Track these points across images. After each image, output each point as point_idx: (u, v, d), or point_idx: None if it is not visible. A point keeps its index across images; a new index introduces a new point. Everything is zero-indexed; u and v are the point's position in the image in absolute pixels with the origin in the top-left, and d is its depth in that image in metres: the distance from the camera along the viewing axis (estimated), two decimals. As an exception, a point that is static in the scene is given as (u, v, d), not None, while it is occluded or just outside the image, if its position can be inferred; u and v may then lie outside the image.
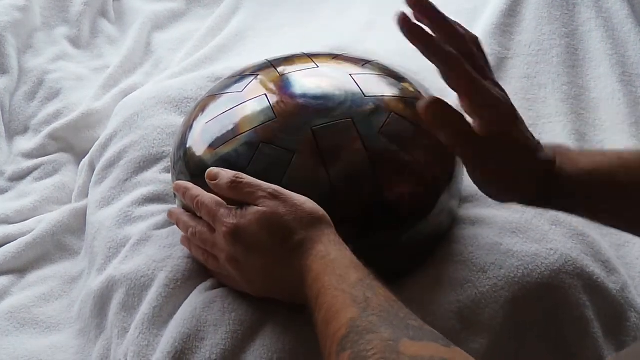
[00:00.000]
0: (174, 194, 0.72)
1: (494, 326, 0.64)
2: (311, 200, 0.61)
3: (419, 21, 0.59)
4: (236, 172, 0.63)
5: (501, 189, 0.64)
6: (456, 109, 0.59)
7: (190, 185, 0.68)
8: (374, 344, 0.48)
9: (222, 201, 0.63)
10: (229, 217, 0.61)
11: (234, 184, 0.62)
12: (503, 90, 0.62)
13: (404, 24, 0.57)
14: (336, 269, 0.56)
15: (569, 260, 0.67)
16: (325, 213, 0.61)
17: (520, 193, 0.64)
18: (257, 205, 0.61)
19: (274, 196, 0.61)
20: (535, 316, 0.66)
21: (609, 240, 0.77)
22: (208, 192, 0.65)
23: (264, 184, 0.62)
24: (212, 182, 0.64)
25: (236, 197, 0.62)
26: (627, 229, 0.66)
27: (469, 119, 0.60)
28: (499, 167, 0.61)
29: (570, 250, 0.68)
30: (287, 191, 0.61)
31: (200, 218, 0.66)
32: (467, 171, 0.63)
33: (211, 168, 0.65)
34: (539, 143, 0.62)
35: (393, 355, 0.47)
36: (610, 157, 0.62)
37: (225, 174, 0.63)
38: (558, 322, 0.66)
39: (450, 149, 0.61)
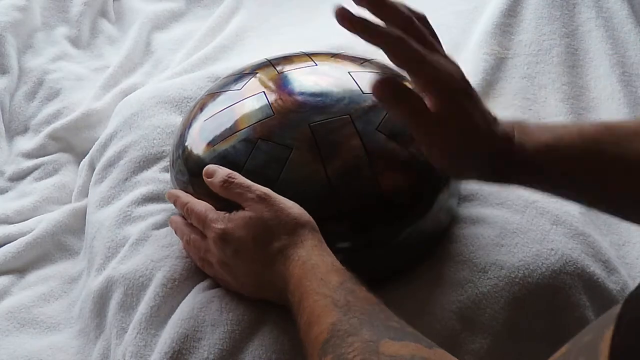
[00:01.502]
0: None
1: (495, 326, 0.64)
2: (299, 206, 0.61)
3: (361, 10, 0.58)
4: (230, 171, 0.63)
5: (458, 166, 0.62)
6: (409, 87, 0.58)
7: (180, 193, 0.68)
8: (354, 346, 0.49)
9: (211, 207, 0.64)
10: (217, 222, 0.62)
11: (226, 183, 0.63)
12: (455, 65, 0.60)
13: (341, 16, 0.56)
14: (317, 273, 0.56)
15: (570, 261, 0.67)
16: (310, 218, 0.61)
17: (478, 170, 0.62)
18: (244, 208, 0.61)
19: (262, 199, 0.61)
20: (536, 316, 0.66)
21: (609, 240, 0.77)
22: (204, 193, 0.65)
23: (254, 186, 0.62)
24: (208, 179, 0.64)
25: (226, 196, 0.63)
26: (588, 204, 0.65)
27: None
28: (453, 144, 0.59)
29: (571, 251, 0.68)
30: (277, 195, 0.62)
31: (193, 225, 0.66)
32: (424, 150, 0.60)
33: (209, 165, 0.65)
34: (495, 118, 0.61)
35: (373, 356, 0.47)
36: (570, 131, 0.60)
37: (220, 172, 0.64)
38: (558, 323, 0.66)
39: (406, 126, 0.59)
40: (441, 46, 0.61)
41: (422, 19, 0.60)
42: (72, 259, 0.84)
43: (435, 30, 0.61)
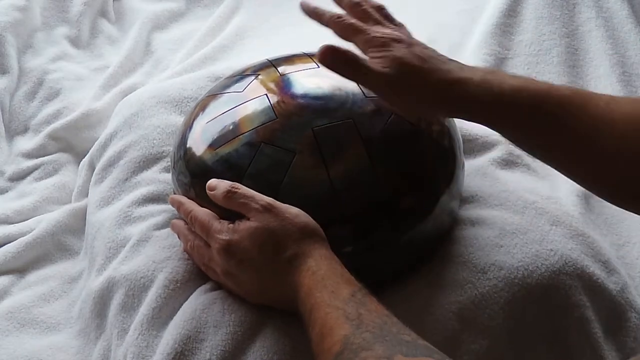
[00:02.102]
0: None
1: (494, 327, 0.64)
2: (304, 213, 0.62)
3: None
4: (233, 183, 0.63)
5: (412, 108, 0.65)
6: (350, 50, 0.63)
7: (184, 199, 0.68)
8: None
9: (215, 215, 0.64)
10: (222, 233, 0.62)
11: (229, 194, 0.63)
12: (393, 29, 0.65)
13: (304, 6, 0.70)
14: (328, 285, 0.56)
15: (569, 261, 0.67)
16: (317, 226, 0.61)
17: (431, 112, 0.66)
18: (249, 219, 0.61)
19: (267, 209, 0.61)
20: (536, 317, 0.66)
21: (609, 240, 0.77)
22: (206, 197, 0.65)
23: (258, 196, 0.62)
24: (210, 192, 0.64)
25: (230, 207, 0.63)
26: (533, 156, 0.66)
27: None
28: (400, 90, 0.62)
29: (571, 251, 0.68)
30: (281, 204, 0.62)
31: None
32: (385, 100, 0.65)
33: (212, 180, 0.65)
34: (447, 60, 0.63)
35: None
36: (539, 83, 0.61)
37: (222, 185, 0.64)
38: (558, 323, 0.66)
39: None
40: (387, 17, 0.68)
41: (372, 5, 0.69)
42: (72, 259, 0.84)
43: (434, 30, 0.62)
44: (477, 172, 0.76)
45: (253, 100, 0.69)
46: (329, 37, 0.97)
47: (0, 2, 1.09)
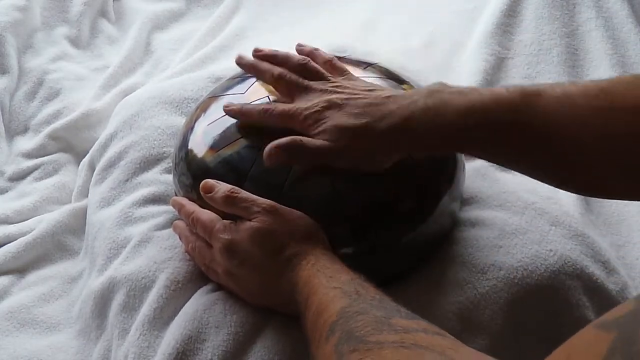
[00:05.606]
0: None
1: (494, 327, 0.64)
2: (306, 216, 0.62)
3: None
4: (232, 187, 0.63)
5: (374, 163, 0.63)
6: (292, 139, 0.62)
7: (185, 201, 0.68)
8: (365, 321, 0.48)
9: (217, 216, 0.64)
10: (224, 233, 0.62)
11: (230, 198, 0.62)
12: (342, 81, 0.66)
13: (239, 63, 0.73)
14: (326, 272, 0.56)
15: (569, 262, 0.67)
16: (319, 229, 0.61)
17: (392, 158, 0.63)
18: (251, 221, 0.61)
19: (269, 211, 0.61)
20: (535, 317, 0.66)
21: (609, 240, 0.77)
22: (206, 203, 0.65)
23: (259, 199, 0.62)
24: (207, 194, 0.64)
25: (231, 211, 0.63)
26: (517, 170, 0.65)
27: None
28: (357, 155, 0.62)
29: (570, 251, 0.68)
30: (283, 207, 0.62)
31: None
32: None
33: (206, 180, 0.65)
34: (389, 97, 0.62)
35: (384, 326, 0.47)
36: (484, 95, 0.60)
37: (221, 188, 0.63)
38: (558, 323, 0.66)
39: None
40: (336, 67, 0.70)
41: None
42: (72, 259, 0.84)
43: (434, 30, 0.62)
44: (477, 173, 0.76)
45: (254, 102, 0.69)
46: (329, 38, 0.98)
47: (1, 2, 1.09)
